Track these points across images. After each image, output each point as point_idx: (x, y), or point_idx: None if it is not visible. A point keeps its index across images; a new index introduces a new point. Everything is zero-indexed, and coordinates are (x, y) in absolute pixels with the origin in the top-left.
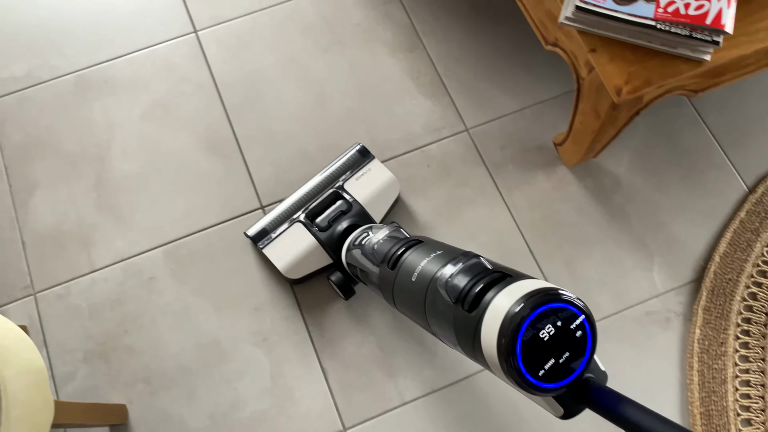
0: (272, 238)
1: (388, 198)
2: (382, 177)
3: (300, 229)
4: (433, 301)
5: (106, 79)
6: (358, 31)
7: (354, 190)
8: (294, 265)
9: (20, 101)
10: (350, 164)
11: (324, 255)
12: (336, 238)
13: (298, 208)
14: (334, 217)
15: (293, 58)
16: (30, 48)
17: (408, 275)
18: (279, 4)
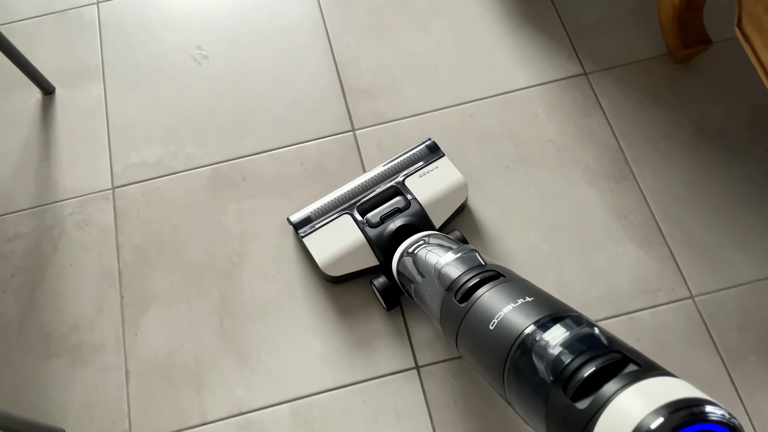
0: (315, 227)
1: (454, 202)
2: (450, 177)
3: (347, 222)
4: (518, 367)
5: (246, 177)
6: (550, 150)
7: (415, 187)
8: (335, 261)
9: (147, 193)
10: (416, 159)
11: (370, 254)
12: (386, 237)
13: (349, 199)
14: (388, 214)
15: (467, 173)
16: (168, 131)
17: (484, 319)
18: (442, 107)
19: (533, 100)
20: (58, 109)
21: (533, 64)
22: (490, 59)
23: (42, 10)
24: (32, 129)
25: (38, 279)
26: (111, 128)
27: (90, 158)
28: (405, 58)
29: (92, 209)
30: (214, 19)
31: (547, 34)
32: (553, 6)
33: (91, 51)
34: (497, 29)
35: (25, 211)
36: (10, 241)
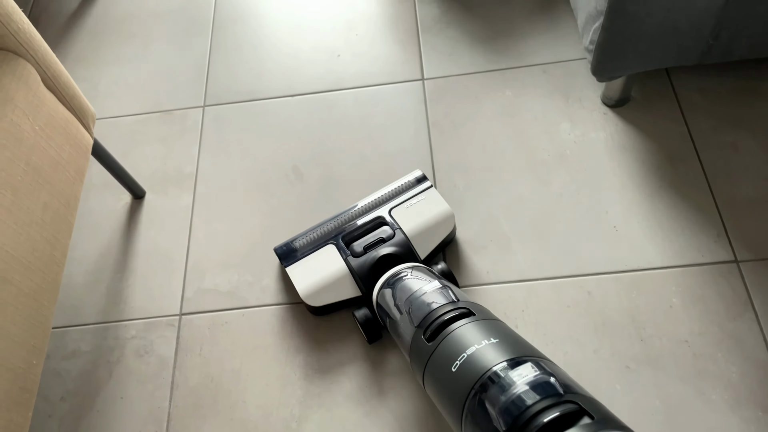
0: (299, 257)
1: (439, 233)
2: (436, 208)
3: (331, 252)
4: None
5: (320, 323)
6: (684, 353)
7: (400, 218)
8: (316, 291)
9: (214, 326)
10: (403, 190)
11: (352, 285)
12: (368, 266)
13: (335, 230)
14: (372, 243)
15: (577, 365)
16: (248, 257)
17: (448, 360)
18: (556, 276)
19: (668, 286)
20: (144, 215)
21: (673, 239)
22: (619, 226)
23: (150, 108)
24: (114, 235)
25: (86, 408)
26: (191, 245)
27: (164, 276)
28: (518, 210)
29: (155, 336)
30: (314, 139)
31: (693, 204)
32: (702, 171)
33: (189, 158)
34: (632, 190)
35: (90, 326)
36: (68, 358)
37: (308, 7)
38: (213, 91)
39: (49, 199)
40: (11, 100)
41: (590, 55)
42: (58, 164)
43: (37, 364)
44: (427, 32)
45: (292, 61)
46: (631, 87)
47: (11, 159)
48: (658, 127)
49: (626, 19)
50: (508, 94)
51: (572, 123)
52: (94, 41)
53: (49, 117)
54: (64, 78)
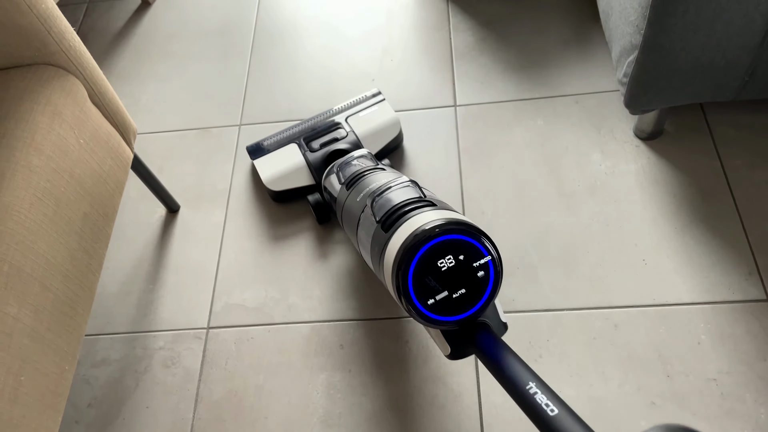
0: (266, 153)
1: (387, 136)
2: (385, 115)
3: (293, 149)
4: (364, 219)
5: (344, 344)
6: (712, 392)
7: (354, 122)
8: (276, 178)
9: (240, 341)
10: (359, 102)
11: (308, 174)
12: (321, 159)
13: (298, 133)
14: (327, 142)
15: (599, 399)
16: (276, 275)
17: (356, 194)
18: (582, 308)
19: (697, 322)
20: (177, 229)
21: (703, 275)
22: (648, 259)
23: (188, 124)
24: (148, 247)
25: (112, 416)
26: (221, 260)
27: (194, 289)
28: (546, 238)
29: (182, 348)
30: None
31: (725, 241)
32: (735, 207)
33: (223, 174)
34: (662, 224)
35: (120, 335)
36: (98, 366)
37: (345, 32)
38: (249, 111)
39: (89, 210)
40: (59, 114)
41: (623, 87)
42: (100, 177)
43: (69, 370)
44: (461, 59)
45: (327, 84)
46: (664, 120)
47: (56, 170)
48: (691, 161)
49: (661, 54)
50: (540, 123)
51: (604, 154)
52: (137, 58)
53: (94, 131)
54: (110, 94)
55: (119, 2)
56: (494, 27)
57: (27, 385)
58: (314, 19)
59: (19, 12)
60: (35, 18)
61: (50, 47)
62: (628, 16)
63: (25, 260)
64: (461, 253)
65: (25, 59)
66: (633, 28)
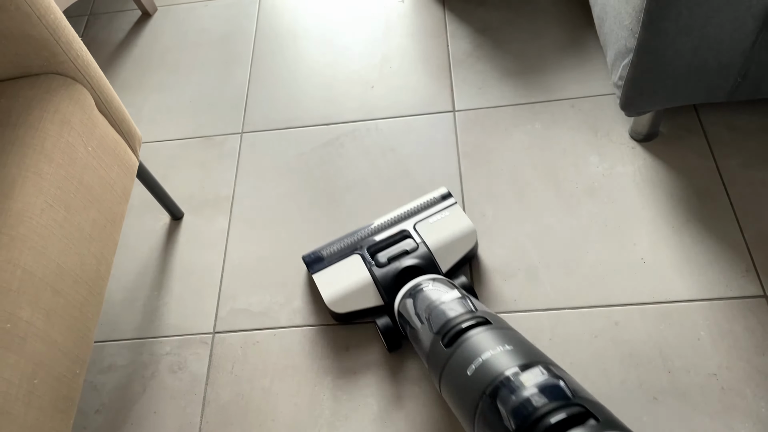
0: (326, 265)
1: (461, 248)
2: (459, 223)
3: (356, 261)
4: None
5: (349, 347)
6: (712, 387)
7: (424, 231)
8: (340, 298)
9: (246, 345)
10: (428, 205)
11: (375, 294)
12: (391, 277)
13: (361, 241)
14: (396, 255)
15: (604, 395)
16: (280, 280)
17: (464, 364)
18: (583, 306)
19: (696, 319)
20: (181, 236)
21: (700, 272)
22: (647, 258)
23: (190, 133)
24: (153, 254)
25: (120, 422)
26: (226, 266)
27: (199, 295)
28: (546, 240)
29: (189, 353)
30: (347, 166)
31: (722, 239)
32: (731, 206)
33: (226, 181)
34: (660, 223)
35: (126, 341)
36: (105, 372)
37: (344, 40)
38: (251, 119)
39: (98, 217)
40: (68, 123)
41: (619, 90)
42: (107, 183)
43: (80, 374)
44: (459, 66)
45: (327, 92)
46: (659, 122)
47: (66, 177)
48: (686, 162)
49: (655, 57)
50: (538, 126)
51: (601, 156)
52: (139, 69)
53: (101, 139)
54: (116, 103)
55: (120, 14)
56: (490, 34)
57: (40, 388)
58: (313, 29)
59: (29, 23)
60: (44, 28)
61: (58, 57)
62: (622, 21)
63: (36, 265)
64: None
65: (34, 69)
66: (627, 32)
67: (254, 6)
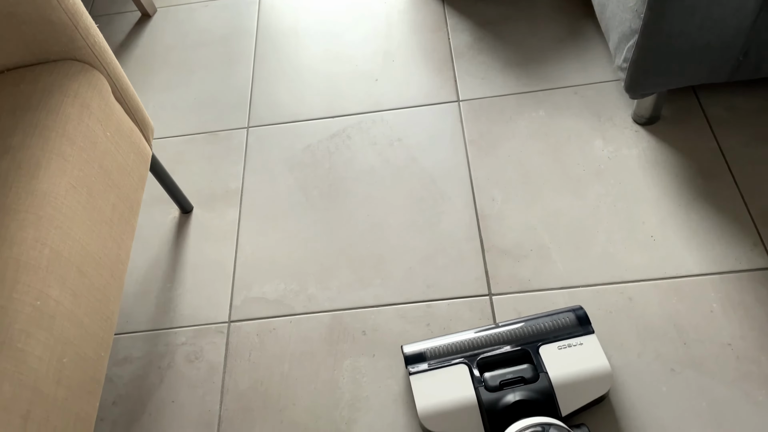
0: (427, 368)
1: (591, 391)
2: (594, 361)
3: (462, 372)
4: None
5: (366, 330)
6: (727, 356)
7: (550, 359)
8: (435, 415)
9: (262, 333)
10: (560, 327)
11: (477, 421)
12: (501, 408)
13: (473, 348)
14: (510, 381)
15: (622, 367)
16: (294, 268)
17: None
18: (596, 284)
19: (707, 292)
20: (192, 229)
21: (709, 247)
22: (656, 236)
23: (195, 129)
24: (164, 247)
25: (138, 412)
26: (238, 256)
27: (213, 286)
28: (556, 221)
29: (205, 342)
30: (354, 157)
31: (728, 215)
32: (735, 184)
33: (234, 175)
34: (666, 202)
35: (141, 333)
36: (120, 364)
37: (345, 37)
38: (256, 114)
39: (117, 202)
40: (88, 107)
41: (623, 73)
42: (125, 170)
43: (105, 357)
44: (461, 58)
45: (331, 86)
46: (661, 106)
47: (87, 161)
48: (689, 143)
49: (660, 37)
50: (542, 114)
51: (605, 140)
52: (142, 69)
53: (118, 125)
54: (130, 92)
55: (119, 16)
56: (491, 28)
57: (69, 368)
58: (314, 27)
59: (49, 7)
60: (63, 12)
61: (77, 42)
62: (626, 3)
63: (63, 245)
64: None
65: (52, 55)
66: (632, 14)
67: (254, 6)
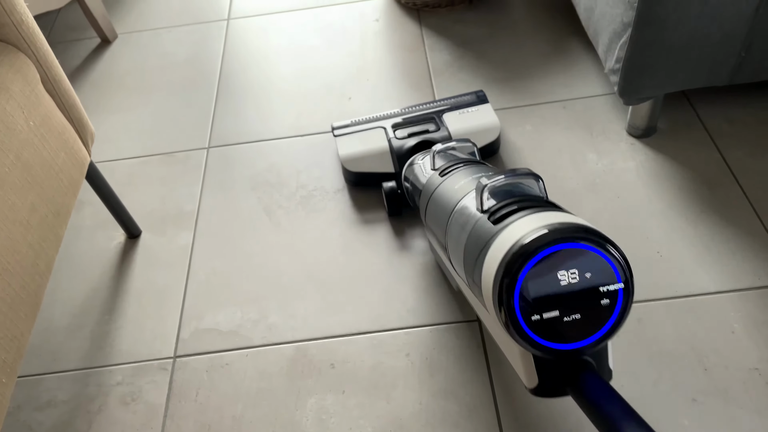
0: (350, 132)
1: (482, 139)
2: (486, 118)
3: (378, 132)
4: (462, 208)
5: (335, 363)
6: (756, 382)
7: (450, 120)
8: (354, 158)
9: (213, 368)
10: (461, 102)
11: (388, 161)
12: (406, 149)
13: (388, 118)
14: (416, 132)
15: (637, 399)
16: (253, 295)
17: (454, 182)
18: None
19: (726, 311)
20: (138, 255)
21: (724, 263)
22: (663, 251)
23: (150, 151)
24: (105, 275)
25: None
26: (189, 283)
27: (158, 316)
28: None
29: (144, 381)
30: (324, 176)
31: (740, 228)
32: (744, 195)
33: (190, 196)
34: (671, 216)
35: (69, 372)
36: (42, 408)
37: (318, 57)
38: (218, 134)
39: (38, 202)
40: (7, 90)
41: (616, 76)
42: (51, 168)
43: (7, 384)
44: (440, 76)
45: (301, 105)
46: (657, 116)
47: (0, 148)
48: (691, 154)
49: (655, 28)
50: (529, 128)
51: (599, 153)
52: (96, 92)
53: (45, 117)
54: (64, 85)
55: (77, 43)
56: (471, 46)
57: None
58: (284, 48)
59: None
60: None
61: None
62: None
63: None
64: (589, 271)
65: None
66: (623, 8)
67: (221, 30)
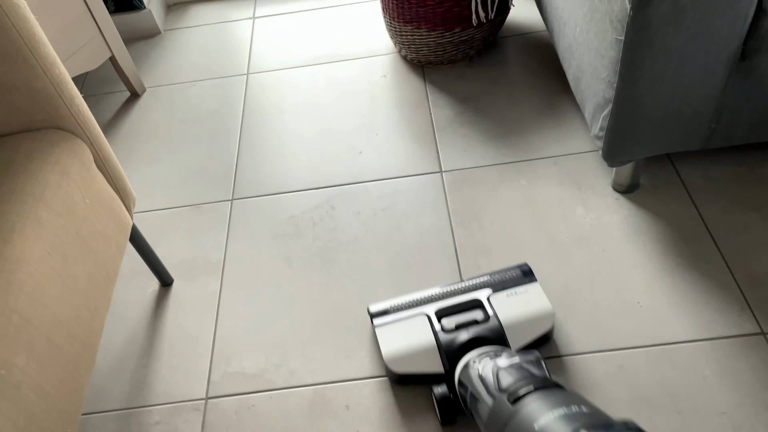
0: (390, 321)
1: (536, 329)
2: (537, 303)
3: (422, 322)
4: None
5: (350, 405)
6: (724, 427)
7: (498, 305)
8: (400, 357)
9: (241, 410)
10: (506, 280)
11: (437, 359)
12: (456, 346)
13: (430, 302)
14: (464, 323)
15: None
16: (275, 340)
17: (529, 421)
18: (585, 352)
19: (698, 359)
20: (171, 302)
21: (697, 313)
22: (643, 302)
23: (179, 202)
24: (142, 321)
25: None
26: (218, 329)
27: (190, 360)
28: (542, 288)
29: (180, 421)
30: (338, 228)
31: (713, 281)
32: (717, 249)
33: (216, 246)
34: (651, 268)
35: (112, 412)
36: None
37: (330, 112)
38: (241, 187)
39: (94, 270)
40: (68, 174)
41: (600, 141)
42: (103, 238)
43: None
44: (443, 131)
45: (315, 159)
46: (639, 174)
47: (64, 227)
48: (669, 210)
49: (633, 104)
50: (523, 183)
51: (587, 208)
52: (128, 143)
53: (98, 193)
54: (113, 161)
55: (109, 96)
56: (470, 103)
57: None
58: (299, 104)
59: (34, 76)
60: (49, 82)
61: (60, 111)
62: (599, 74)
63: (33, 313)
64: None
65: (36, 123)
66: (605, 84)
67: (242, 84)
